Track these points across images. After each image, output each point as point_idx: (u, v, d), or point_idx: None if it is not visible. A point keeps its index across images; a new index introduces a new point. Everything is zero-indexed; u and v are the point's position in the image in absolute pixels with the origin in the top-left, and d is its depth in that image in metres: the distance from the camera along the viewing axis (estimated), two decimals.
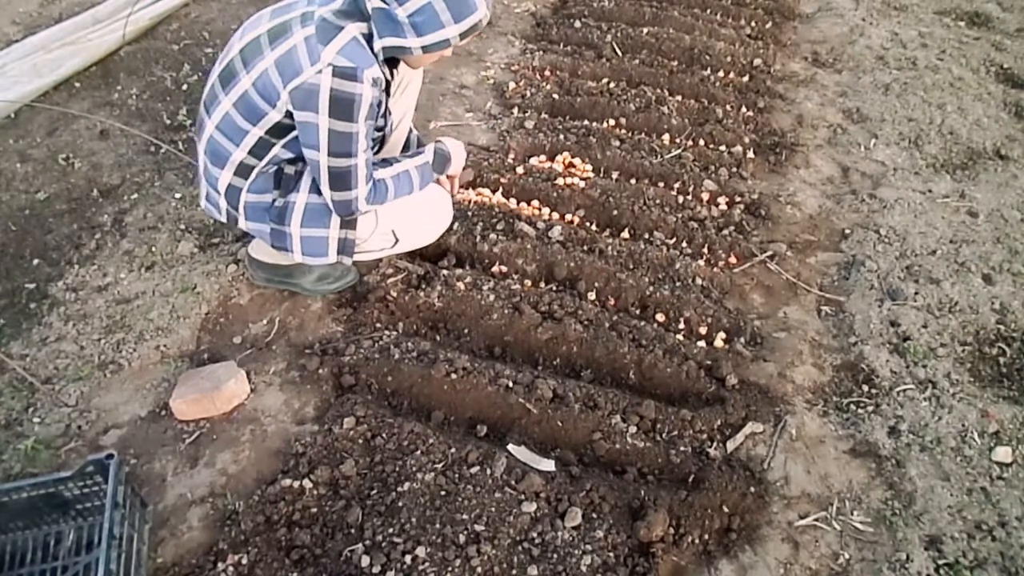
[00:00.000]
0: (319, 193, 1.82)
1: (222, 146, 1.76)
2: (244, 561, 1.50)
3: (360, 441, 1.74)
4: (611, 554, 1.54)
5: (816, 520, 1.64)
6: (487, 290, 2.11)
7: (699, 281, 2.22)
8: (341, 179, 1.70)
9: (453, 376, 1.87)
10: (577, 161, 2.71)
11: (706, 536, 1.60)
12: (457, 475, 1.66)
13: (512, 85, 3.16)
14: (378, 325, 2.06)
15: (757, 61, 3.37)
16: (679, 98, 3.09)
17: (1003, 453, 1.77)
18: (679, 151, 2.77)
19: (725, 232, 2.42)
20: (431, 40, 1.60)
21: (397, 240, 2.04)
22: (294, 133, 1.73)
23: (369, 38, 1.65)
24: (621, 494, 1.65)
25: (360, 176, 1.72)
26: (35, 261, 2.29)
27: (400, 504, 1.61)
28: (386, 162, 1.90)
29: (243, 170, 1.80)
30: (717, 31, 3.58)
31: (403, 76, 1.94)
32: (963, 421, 1.84)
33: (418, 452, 1.70)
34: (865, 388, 1.94)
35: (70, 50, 3.19)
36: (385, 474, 1.67)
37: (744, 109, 3.06)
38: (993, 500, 1.68)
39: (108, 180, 2.61)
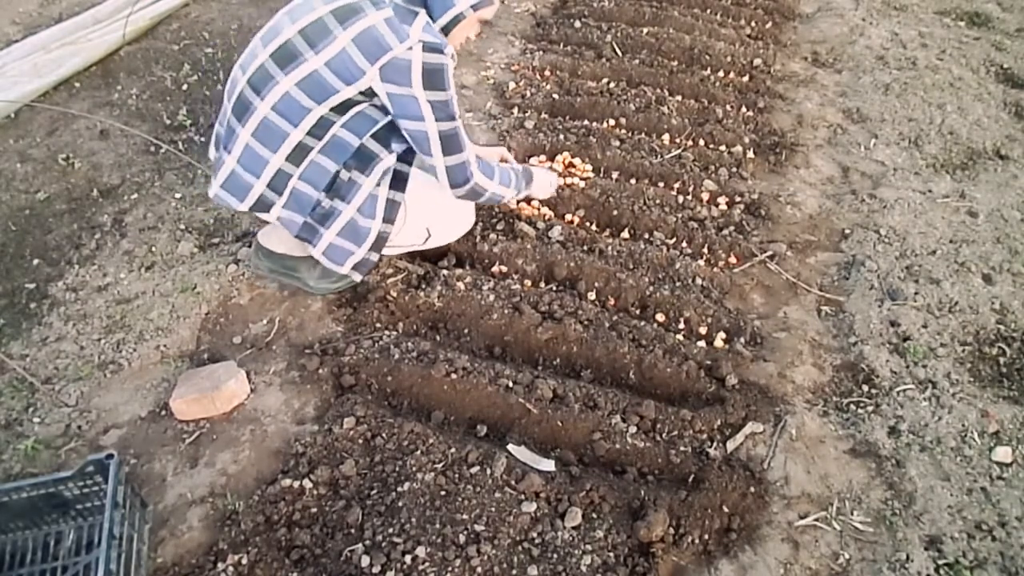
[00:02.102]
0: (365, 215, 1.88)
1: (278, 127, 1.77)
2: (244, 561, 1.50)
3: (360, 441, 1.74)
4: (611, 554, 1.54)
5: (816, 520, 1.64)
6: (487, 290, 2.11)
7: (699, 281, 2.22)
8: (451, 141, 1.80)
9: (453, 376, 1.87)
10: (577, 161, 2.71)
11: (706, 536, 1.60)
12: (457, 475, 1.66)
13: (512, 85, 3.16)
14: (378, 325, 2.06)
15: (757, 61, 3.37)
16: (679, 98, 3.09)
17: (1003, 453, 1.77)
18: (679, 151, 2.77)
19: (725, 232, 2.42)
20: None
21: (429, 235, 2.10)
22: (356, 110, 1.77)
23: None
24: (621, 494, 1.65)
25: (465, 138, 1.84)
26: (35, 261, 2.29)
27: (400, 504, 1.61)
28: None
29: (298, 153, 1.80)
30: (717, 31, 3.58)
31: None
32: (963, 421, 1.84)
33: (418, 452, 1.70)
34: (865, 388, 1.94)
35: (70, 50, 3.19)
36: (385, 474, 1.67)
37: (744, 109, 3.06)
38: (993, 500, 1.68)
39: (108, 180, 2.61)
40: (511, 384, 1.85)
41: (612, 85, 3.17)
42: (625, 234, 2.43)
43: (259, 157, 1.81)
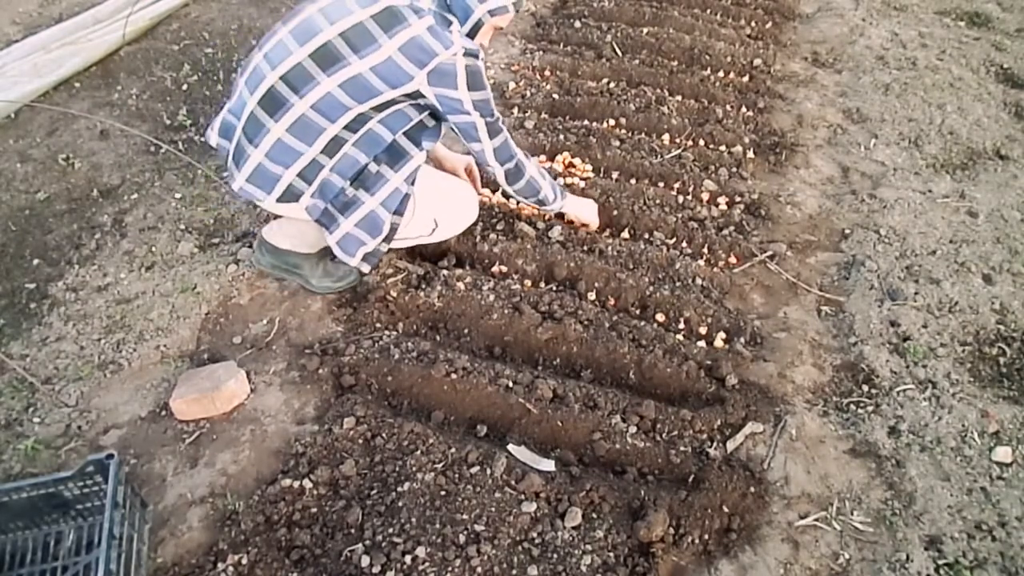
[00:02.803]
0: (387, 207, 1.93)
1: (315, 123, 1.80)
2: (244, 561, 1.50)
3: (360, 441, 1.74)
4: (611, 554, 1.54)
5: (816, 520, 1.64)
6: (487, 290, 2.11)
7: (699, 281, 2.22)
8: (494, 126, 1.96)
9: (453, 376, 1.87)
10: (577, 161, 2.71)
11: (706, 536, 1.60)
12: (457, 475, 1.66)
13: (512, 85, 3.16)
14: (378, 325, 2.06)
15: (757, 61, 3.37)
16: (679, 98, 3.09)
17: (1003, 453, 1.77)
18: (679, 151, 2.77)
19: (725, 232, 2.42)
20: (495, 4, 1.86)
21: (437, 226, 2.12)
22: (394, 108, 1.85)
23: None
24: (621, 494, 1.65)
25: (502, 124, 2.01)
26: (35, 261, 2.29)
27: (400, 504, 1.61)
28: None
29: (333, 146, 1.84)
30: (717, 31, 3.58)
31: None
32: (963, 421, 1.84)
33: (418, 452, 1.70)
34: (865, 388, 1.94)
35: (70, 50, 3.19)
36: (385, 474, 1.67)
37: (744, 109, 3.06)
38: (993, 500, 1.68)
39: (108, 180, 2.61)
40: (511, 384, 1.85)
41: (612, 85, 3.17)
42: (625, 234, 2.43)
43: (291, 150, 1.82)
